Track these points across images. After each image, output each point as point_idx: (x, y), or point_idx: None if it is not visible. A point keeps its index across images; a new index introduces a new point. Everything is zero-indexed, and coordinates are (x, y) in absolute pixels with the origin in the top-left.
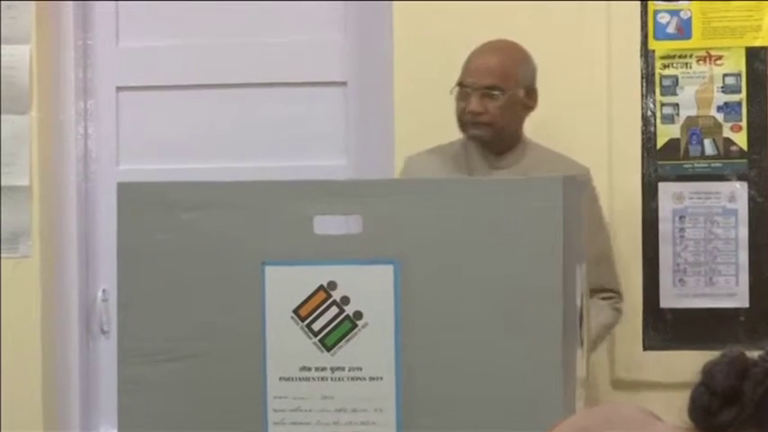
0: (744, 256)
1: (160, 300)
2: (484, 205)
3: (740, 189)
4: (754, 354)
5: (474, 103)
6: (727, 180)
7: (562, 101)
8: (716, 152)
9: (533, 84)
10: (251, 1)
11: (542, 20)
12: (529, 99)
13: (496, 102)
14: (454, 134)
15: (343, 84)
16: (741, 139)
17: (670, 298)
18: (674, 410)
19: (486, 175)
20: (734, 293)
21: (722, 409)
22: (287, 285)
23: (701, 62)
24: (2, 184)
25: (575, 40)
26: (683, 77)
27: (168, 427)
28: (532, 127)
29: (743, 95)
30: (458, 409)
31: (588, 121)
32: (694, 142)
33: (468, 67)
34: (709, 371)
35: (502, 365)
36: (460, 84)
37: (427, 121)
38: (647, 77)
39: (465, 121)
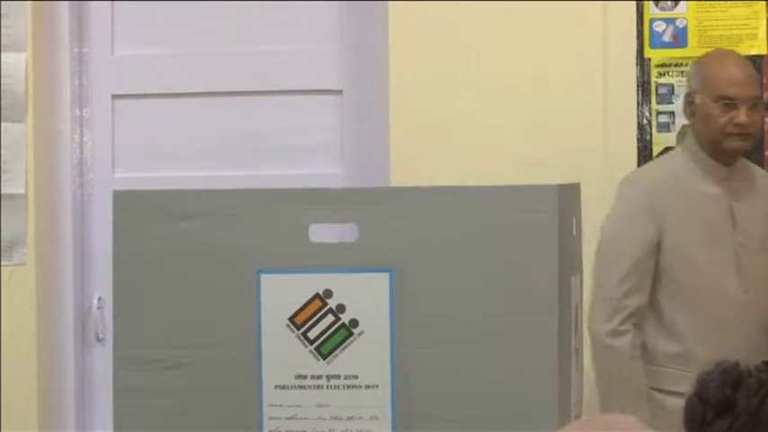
0: None
1: (156, 308)
2: (479, 214)
3: None
4: (749, 364)
5: (743, 115)
6: None
7: (558, 109)
8: None
9: None
10: (247, 10)
11: (538, 28)
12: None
13: (758, 113)
14: (450, 143)
15: (339, 92)
16: None
17: None
18: None
19: (721, 186)
20: None
21: (716, 420)
22: (282, 293)
23: None
24: None
25: (571, 47)
26: (678, 86)
27: None
28: (526, 134)
29: None
30: (453, 416)
31: (584, 129)
32: None
33: (729, 79)
34: (702, 381)
35: (497, 373)
36: (723, 96)
37: (422, 129)
38: (643, 86)
39: (727, 132)
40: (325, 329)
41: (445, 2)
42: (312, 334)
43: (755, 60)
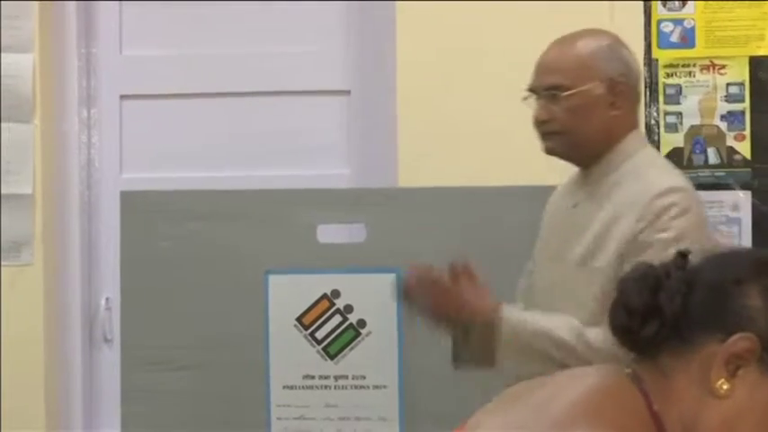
0: None
1: (163, 308)
2: (485, 213)
3: (744, 198)
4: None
5: (537, 109)
6: (731, 189)
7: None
8: (719, 161)
9: (622, 77)
10: (254, 10)
11: (546, 28)
12: (614, 95)
13: (558, 105)
14: (458, 143)
15: (347, 92)
16: (744, 148)
17: None
18: None
19: (574, 197)
20: None
21: (643, 326)
22: (290, 294)
23: (704, 71)
24: (5, 192)
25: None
26: (686, 86)
27: None
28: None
29: (746, 104)
30: (461, 417)
31: None
32: (698, 151)
33: (534, 68)
34: (622, 289)
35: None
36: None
37: (430, 130)
38: (651, 86)
39: (538, 131)
40: (333, 330)
41: (452, 2)
42: (320, 334)
43: (763, 61)
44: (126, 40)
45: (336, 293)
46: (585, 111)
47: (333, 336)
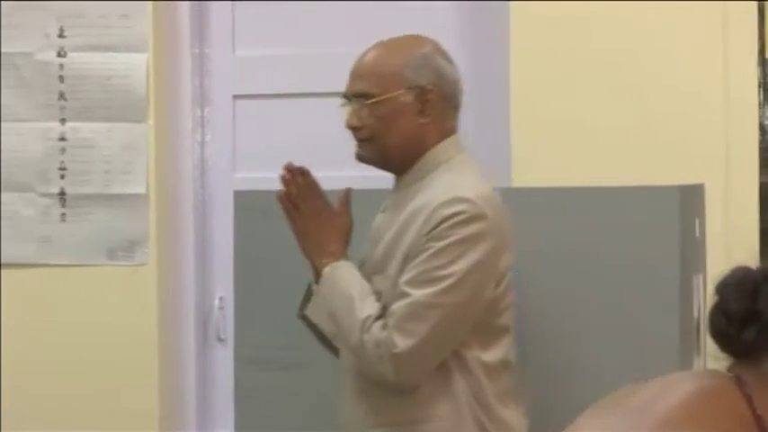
0: None
1: (276, 307)
2: (599, 215)
3: None
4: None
5: (347, 115)
6: None
7: (679, 110)
8: None
9: (432, 85)
10: (365, 10)
11: (659, 30)
12: (422, 103)
13: (366, 111)
14: (571, 143)
15: None
16: None
17: None
18: None
19: (384, 205)
20: None
21: (742, 331)
22: None
23: None
24: (119, 191)
25: (691, 49)
26: None
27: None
28: (648, 135)
29: None
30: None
31: (705, 130)
32: None
33: None
34: (721, 294)
35: (617, 375)
36: None
37: (544, 130)
38: (765, 86)
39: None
40: None
41: (566, 2)
42: None
43: None
44: (239, 40)
45: None
46: (393, 118)
47: None
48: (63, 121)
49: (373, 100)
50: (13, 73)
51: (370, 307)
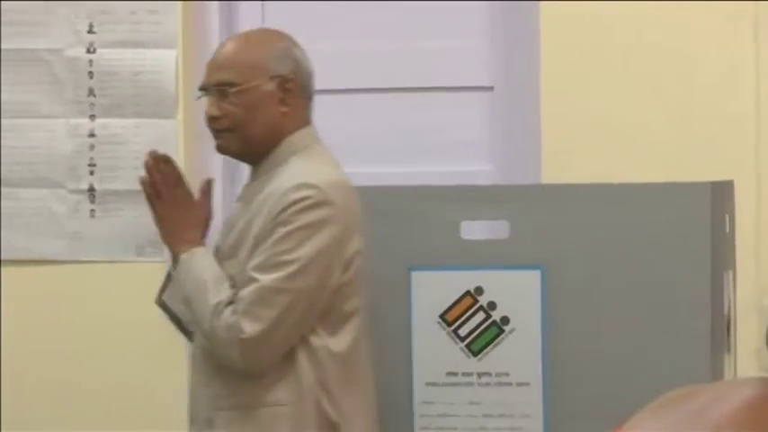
0: None
1: None
2: (630, 211)
3: None
4: None
5: (207, 107)
6: None
7: (710, 106)
8: None
9: (292, 74)
10: (397, 8)
11: (689, 26)
12: (283, 92)
13: (227, 101)
14: (601, 140)
15: (490, 89)
16: None
17: None
18: None
19: (240, 193)
20: None
21: None
22: (434, 290)
23: None
24: None
25: (722, 45)
26: None
27: None
28: (678, 132)
29: None
30: (605, 416)
31: (736, 126)
32: None
33: None
34: None
35: (648, 373)
36: None
37: (573, 126)
38: None
39: (211, 130)
40: (476, 327)
41: (595, 2)
42: (463, 331)
43: None
44: None
45: (480, 290)
46: (255, 107)
47: (476, 333)
48: (92, 117)
49: (237, 89)
50: (44, 69)
51: (222, 292)
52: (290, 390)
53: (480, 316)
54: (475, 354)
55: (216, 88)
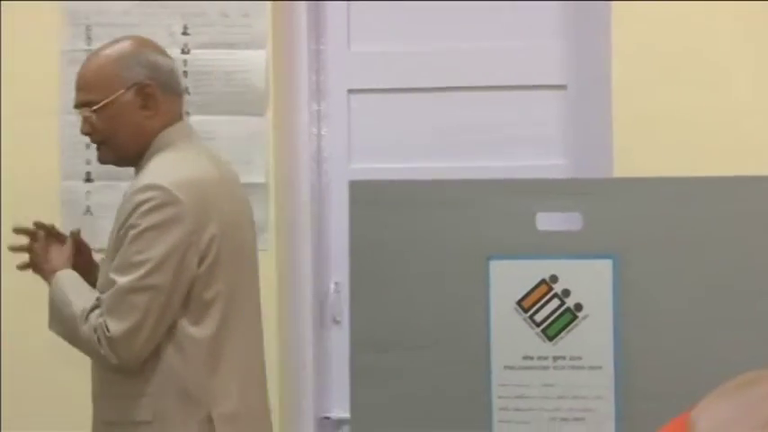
0: None
1: (390, 292)
2: (702, 203)
3: None
4: None
5: (81, 124)
6: None
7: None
8: None
9: (148, 79)
10: (473, 7)
11: (758, 25)
12: (143, 97)
13: (92, 118)
14: (671, 135)
15: (563, 87)
16: None
17: None
18: None
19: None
20: None
21: None
22: (511, 279)
23: None
24: (241, 181)
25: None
26: None
27: (398, 414)
28: (749, 128)
29: None
30: (676, 398)
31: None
32: None
33: None
34: None
35: (719, 360)
36: None
37: (644, 123)
38: None
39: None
40: (551, 313)
41: (666, 2)
42: (539, 317)
43: None
44: (353, 36)
45: (554, 278)
46: (118, 118)
47: (551, 319)
48: (187, 114)
49: (97, 106)
50: None
51: (87, 301)
52: (156, 378)
53: (555, 303)
54: (550, 339)
55: (81, 108)
